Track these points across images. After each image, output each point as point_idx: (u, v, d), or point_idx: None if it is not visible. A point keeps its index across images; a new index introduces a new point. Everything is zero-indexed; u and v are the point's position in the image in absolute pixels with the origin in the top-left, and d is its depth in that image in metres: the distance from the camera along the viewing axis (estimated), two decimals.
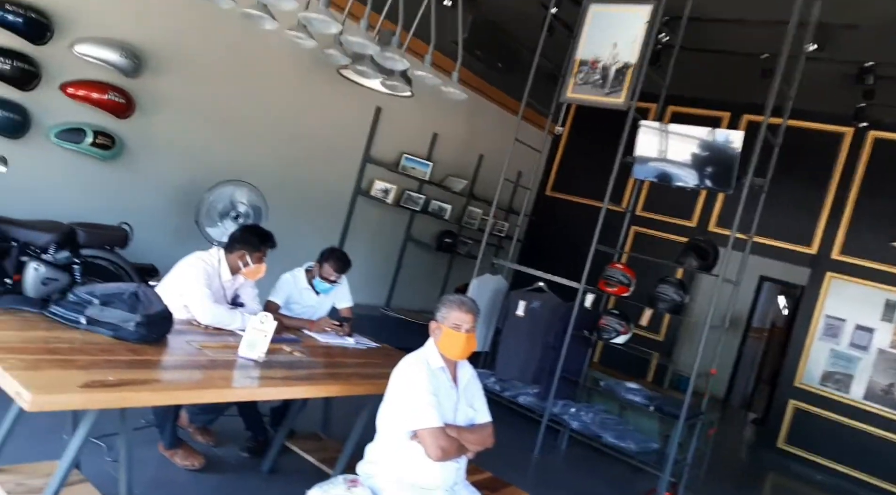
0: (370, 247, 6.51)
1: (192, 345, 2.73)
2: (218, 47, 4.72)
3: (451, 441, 2.34)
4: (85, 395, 1.90)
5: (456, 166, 7.10)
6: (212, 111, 4.82)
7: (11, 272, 3.44)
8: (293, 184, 5.54)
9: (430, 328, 2.52)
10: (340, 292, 3.95)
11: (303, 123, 5.50)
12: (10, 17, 3.58)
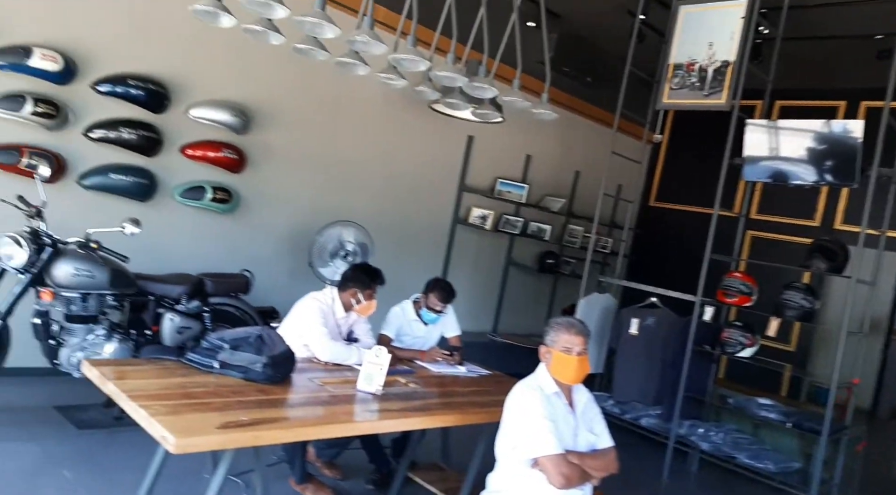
0: (472, 274, 6.55)
1: (315, 382, 2.84)
2: (316, 97, 4.98)
3: (574, 468, 2.28)
4: (222, 436, 2.02)
5: (552, 186, 7.04)
6: (315, 157, 5.08)
7: (150, 323, 3.75)
8: (395, 219, 5.70)
9: (540, 353, 2.49)
10: (448, 321, 4.00)
11: (399, 160, 5.66)
12: (133, 92, 3.97)
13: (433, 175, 5.99)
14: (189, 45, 4.21)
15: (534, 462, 2.29)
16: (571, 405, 2.47)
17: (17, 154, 3.60)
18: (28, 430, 3.32)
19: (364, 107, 5.30)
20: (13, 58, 3.50)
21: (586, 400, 2.53)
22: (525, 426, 2.31)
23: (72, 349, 3.43)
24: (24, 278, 3.20)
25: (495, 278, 6.82)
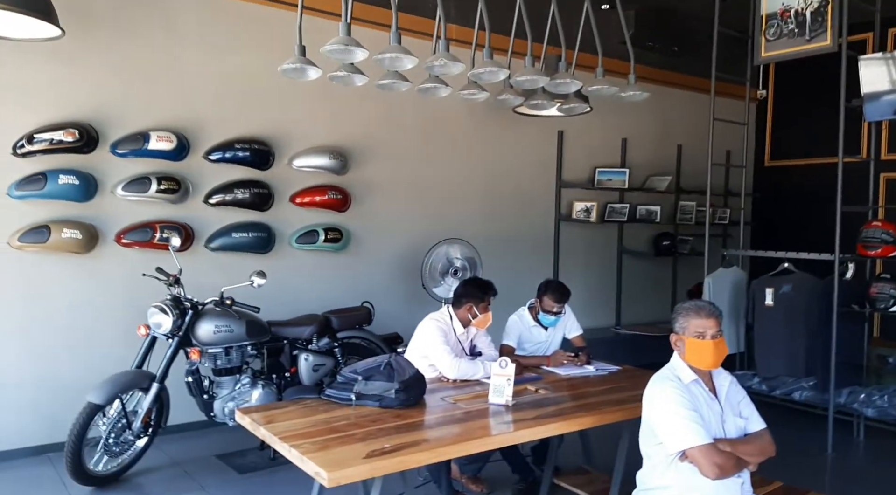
0: (585, 269, 6.43)
1: (447, 401, 2.90)
2: (404, 126, 5.12)
3: (727, 456, 2.18)
4: (369, 465, 2.11)
5: (654, 165, 6.78)
6: (412, 184, 5.21)
7: (288, 366, 3.99)
8: (498, 228, 5.72)
9: (671, 341, 2.40)
10: (568, 322, 3.95)
11: (493, 170, 5.69)
12: (240, 154, 4.27)
13: (529, 177, 5.96)
14: (283, 102, 4.48)
15: (682, 454, 2.21)
16: (714, 391, 2.36)
17: (151, 230, 3.98)
18: (196, 480, 3.62)
19: (450, 126, 5.38)
20: (133, 145, 3.89)
21: (729, 383, 2.41)
22: (668, 420, 2.24)
23: (223, 400, 3.72)
24: (173, 342, 3.52)
25: (609, 270, 6.65)
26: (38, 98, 3.66)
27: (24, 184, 3.60)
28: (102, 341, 3.92)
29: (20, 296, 3.71)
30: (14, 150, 3.58)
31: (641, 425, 2.38)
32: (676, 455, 2.23)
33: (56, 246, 3.68)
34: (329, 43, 2.83)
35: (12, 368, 3.68)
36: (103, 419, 3.36)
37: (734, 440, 2.27)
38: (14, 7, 2.57)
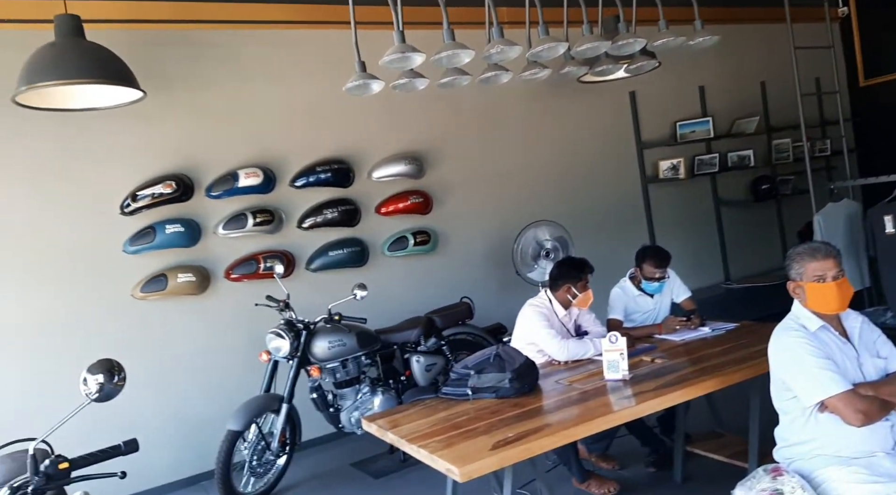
0: (682, 229, 6.19)
1: (562, 384, 2.90)
2: (470, 119, 5.13)
3: (869, 400, 2.05)
4: (497, 456, 2.15)
5: (739, 108, 6.43)
6: (490, 174, 5.21)
7: (402, 370, 4.11)
8: (583, 203, 5.61)
9: (789, 289, 2.28)
10: (674, 286, 3.83)
11: (568, 144, 5.59)
12: (322, 176, 4.43)
13: (605, 146, 5.81)
14: (351, 118, 4.60)
15: (820, 405, 2.10)
16: (845, 335, 2.23)
17: (255, 262, 4.21)
18: (336, 491, 3.80)
19: (516, 110, 5.34)
20: (225, 185, 4.12)
21: (860, 324, 2.27)
22: (799, 372, 2.13)
23: (348, 411, 3.88)
24: (293, 363, 3.71)
25: (709, 225, 6.37)
26: (133, 158, 3.95)
27: (136, 239, 3.90)
28: (229, 372, 4.19)
29: (149, 342, 4.01)
30: (122, 210, 3.88)
31: (771, 381, 2.28)
32: (814, 407, 2.12)
33: (174, 291, 3.96)
34: (387, 54, 2.88)
35: (153, 410, 3.99)
36: (244, 443, 3.59)
37: (875, 382, 2.14)
38: (101, 80, 2.79)
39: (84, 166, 3.82)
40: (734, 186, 6.47)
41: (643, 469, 3.56)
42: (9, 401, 3.59)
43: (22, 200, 3.68)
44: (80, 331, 3.79)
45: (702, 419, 3.68)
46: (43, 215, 3.73)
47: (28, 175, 3.69)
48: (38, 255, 3.71)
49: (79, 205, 3.81)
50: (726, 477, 2.66)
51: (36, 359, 3.69)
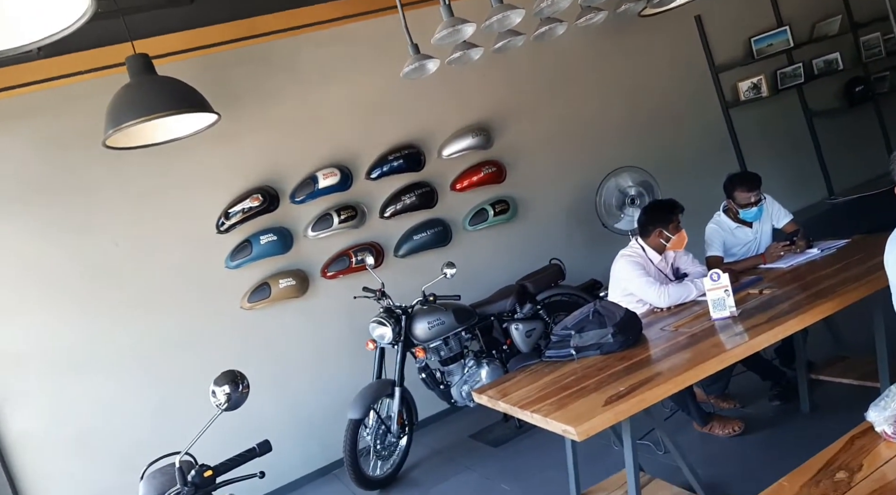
0: (774, 149, 5.84)
1: (667, 331, 2.84)
2: (528, 79, 5.02)
3: None
4: (611, 411, 2.15)
5: (817, 10, 5.95)
6: (558, 132, 5.11)
7: (503, 339, 4.15)
8: (661, 143, 5.41)
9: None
10: (773, 210, 3.65)
11: (633, 87, 5.38)
12: (395, 164, 4.50)
13: (679, 77, 5.55)
14: (412, 101, 4.63)
15: None
16: None
17: (347, 258, 4.36)
18: (460, 463, 3.92)
19: (575, 60, 5.19)
20: (307, 189, 4.28)
21: None
22: None
23: (458, 386, 3.98)
24: (398, 347, 3.83)
25: (802, 139, 5.97)
26: (219, 178, 4.17)
27: (235, 254, 4.13)
28: (340, 364, 4.38)
29: (263, 348, 4.25)
30: (218, 229, 4.11)
31: (893, 292, 2.14)
32: None
33: (278, 297, 4.17)
34: (437, 30, 2.87)
35: (277, 410, 4.24)
36: (366, 430, 3.76)
37: None
38: (178, 110, 2.94)
39: (177, 194, 4.07)
40: (824, 94, 6.02)
41: (767, 403, 3.45)
42: (145, 421, 3.91)
43: (129, 235, 3.97)
44: (198, 346, 4.07)
45: (823, 344, 3.52)
46: (149, 245, 4.01)
47: (130, 211, 3.97)
48: (151, 282, 4.00)
49: (179, 232, 4.07)
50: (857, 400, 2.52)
51: (162, 379, 3.99)
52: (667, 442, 2.78)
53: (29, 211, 3.75)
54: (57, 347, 3.79)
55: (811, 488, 1.91)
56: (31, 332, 3.75)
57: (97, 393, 3.84)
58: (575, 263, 4.74)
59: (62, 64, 3.65)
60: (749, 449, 3.12)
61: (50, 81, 3.69)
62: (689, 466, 2.68)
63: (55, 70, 3.67)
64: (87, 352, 3.84)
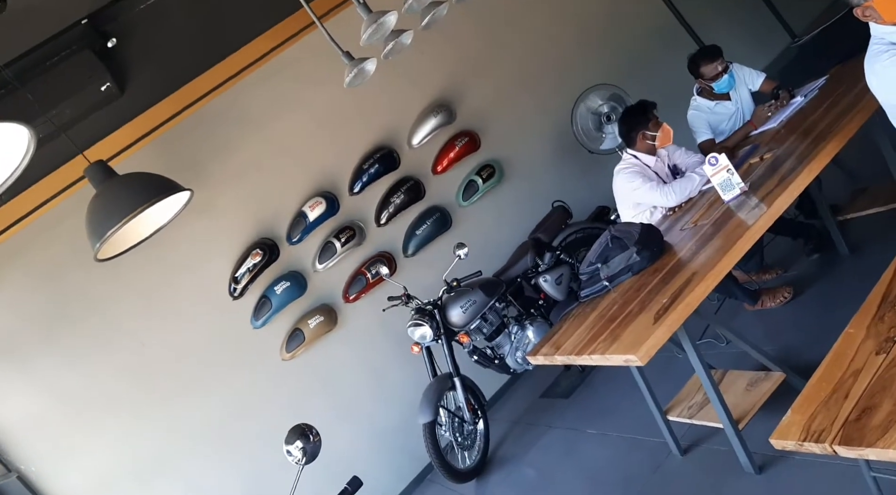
0: (722, 17, 5.75)
1: (687, 228, 2.84)
2: (474, 37, 4.91)
3: None
4: (662, 326, 2.15)
5: None
6: (515, 79, 5.01)
7: (537, 296, 4.15)
8: (617, 50, 5.31)
9: (858, 16, 1.98)
10: (744, 75, 3.62)
11: (578, 5, 5.29)
12: (372, 170, 4.47)
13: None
14: (368, 104, 4.53)
15: None
16: None
17: (362, 276, 4.38)
18: (541, 424, 3.94)
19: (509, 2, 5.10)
20: (299, 227, 4.28)
21: None
22: None
23: (511, 355, 4.00)
24: (442, 340, 3.85)
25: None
26: (214, 248, 4.17)
27: (257, 313, 4.16)
28: (395, 377, 4.41)
29: (317, 390, 4.29)
30: (233, 296, 4.14)
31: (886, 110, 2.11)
32: None
33: (312, 337, 4.21)
34: (363, 31, 2.85)
35: (352, 443, 4.26)
36: (442, 428, 3.80)
37: None
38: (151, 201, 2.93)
39: (183, 278, 4.09)
40: None
41: (806, 260, 3.44)
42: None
43: (153, 331, 4.00)
44: (257, 411, 4.11)
45: (839, 185, 3.50)
46: (174, 334, 4.03)
47: (145, 309, 3.99)
48: (190, 368, 4.04)
49: (197, 311, 4.10)
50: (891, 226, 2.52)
51: (236, 453, 4.05)
52: (725, 333, 2.79)
53: (57, 345, 3.78)
54: (134, 458, 3.85)
55: (877, 325, 1.92)
56: (106, 453, 3.81)
57: (186, 486, 3.91)
58: (577, 197, 4.72)
59: (28, 199, 3.66)
60: (806, 311, 3.11)
61: (23, 220, 3.71)
62: (754, 347, 2.69)
63: (24, 207, 3.68)
64: (161, 451, 3.90)
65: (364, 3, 2.88)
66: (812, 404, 1.81)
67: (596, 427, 3.47)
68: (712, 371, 2.75)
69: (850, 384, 1.80)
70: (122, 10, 3.27)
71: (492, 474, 3.83)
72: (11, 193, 3.46)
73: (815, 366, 1.89)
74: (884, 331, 1.88)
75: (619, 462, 3.06)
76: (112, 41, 3.28)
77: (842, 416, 1.71)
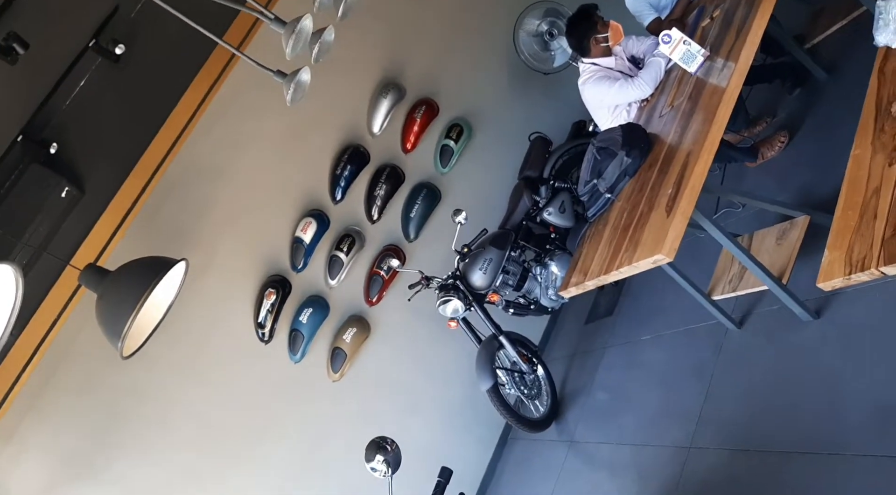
0: None
1: (666, 112, 2.80)
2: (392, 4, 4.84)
3: None
4: (676, 216, 2.15)
5: None
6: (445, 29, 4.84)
7: (547, 231, 4.12)
8: None
9: None
10: None
11: None
12: (346, 172, 4.38)
13: None
14: (318, 108, 4.39)
15: None
16: None
17: (377, 277, 4.39)
18: (597, 349, 3.97)
19: None
20: (300, 252, 4.26)
21: None
22: None
23: (543, 296, 4.01)
24: (475, 307, 3.84)
25: None
26: (229, 303, 4.16)
27: (292, 347, 4.18)
28: (445, 357, 4.46)
29: (376, 397, 4.34)
30: (263, 341, 4.16)
31: None
32: None
33: (353, 350, 4.24)
34: (284, 45, 2.79)
35: (427, 434, 4.33)
36: (505, 388, 3.83)
37: None
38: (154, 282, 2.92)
39: (211, 341, 4.10)
40: None
41: (790, 98, 3.39)
42: None
43: (206, 402, 4.04)
44: (329, 437, 4.18)
45: (796, 14, 3.41)
46: (225, 397, 4.08)
47: (189, 383, 4.02)
48: (254, 423, 4.11)
49: (238, 366, 4.13)
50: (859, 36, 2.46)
51: (322, 482, 4.14)
52: (737, 198, 2.77)
53: (123, 446, 3.82)
54: None
55: (881, 137, 1.89)
56: None
57: None
58: (550, 122, 4.69)
59: (36, 328, 3.66)
60: (807, 147, 3.08)
61: (39, 348, 3.72)
62: (770, 201, 2.67)
63: (35, 337, 3.68)
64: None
65: (276, 18, 2.82)
66: (845, 236, 1.80)
67: (649, 332, 3.48)
68: (738, 238, 2.74)
69: (874, 203, 1.78)
70: (50, 114, 3.22)
71: (568, 411, 3.87)
72: (18, 329, 3.46)
73: (835, 199, 1.87)
74: (888, 141, 1.86)
75: (683, 356, 3.07)
76: (53, 147, 3.24)
77: (878, 237, 1.70)
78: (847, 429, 2.02)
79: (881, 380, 2.00)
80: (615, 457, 3.16)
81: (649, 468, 2.84)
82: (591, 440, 3.45)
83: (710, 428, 2.61)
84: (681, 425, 2.76)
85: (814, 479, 2.04)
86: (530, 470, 3.93)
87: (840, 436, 2.03)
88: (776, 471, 2.19)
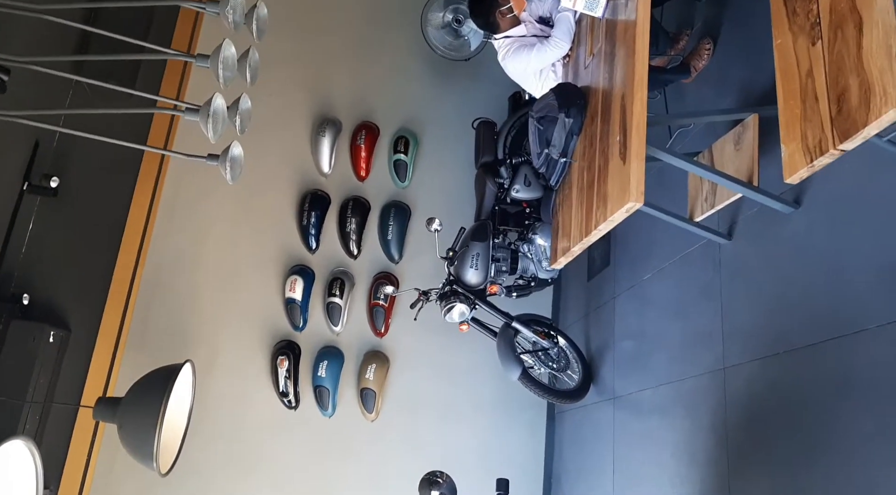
0: None
1: (589, 62, 2.82)
2: (305, 37, 4.89)
3: None
4: (633, 159, 2.16)
5: None
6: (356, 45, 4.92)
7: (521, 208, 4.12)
8: None
9: None
10: None
11: None
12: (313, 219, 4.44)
13: None
14: (266, 168, 4.47)
15: None
16: None
17: (378, 308, 4.40)
18: (606, 299, 3.98)
19: None
20: (295, 312, 4.28)
21: None
22: None
23: (539, 269, 4.00)
24: (480, 305, 3.84)
25: None
26: (245, 383, 4.19)
27: (321, 403, 4.20)
28: (467, 360, 4.47)
29: (418, 415, 4.37)
30: (291, 407, 4.19)
31: None
32: None
33: (380, 386, 4.26)
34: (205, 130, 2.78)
35: (472, 441, 4.34)
36: (534, 370, 3.84)
37: None
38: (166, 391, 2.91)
39: (244, 426, 4.14)
40: None
41: (700, 5, 3.42)
42: None
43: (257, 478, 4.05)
44: (388, 477, 4.21)
45: None
46: (277, 466, 4.10)
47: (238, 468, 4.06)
48: (311, 482, 4.14)
49: (280, 440, 4.18)
50: None
51: None
52: (684, 120, 2.79)
53: None
54: None
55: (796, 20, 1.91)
56: None
57: None
58: (488, 104, 4.69)
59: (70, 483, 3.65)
60: (733, 47, 3.10)
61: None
62: (716, 111, 2.70)
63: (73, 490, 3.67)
64: None
65: (188, 108, 2.80)
66: (795, 125, 1.83)
67: (648, 270, 3.50)
68: (699, 156, 2.77)
69: (811, 86, 1.81)
70: (11, 267, 3.19)
71: (601, 370, 3.89)
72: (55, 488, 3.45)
73: (775, 89, 1.89)
74: (804, 22, 1.88)
75: (687, 282, 3.09)
76: (25, 298, 3.21)
77: (826, 118, 1.72)
78: (863, 303, 2.04)
79: (878, 245, 2.03)
80: (658, 400, 3.17)
81: (693, 399, 2.86)
82: (632, 390, 3.47)
83: (736, 343, 2.63)
84: (708, 349, 2.78)
85: (849, 361, 2.06)
86: (585, 437, 3.95)
87: (859, 312, 2.05)
88: (811, 365, 2.21)
